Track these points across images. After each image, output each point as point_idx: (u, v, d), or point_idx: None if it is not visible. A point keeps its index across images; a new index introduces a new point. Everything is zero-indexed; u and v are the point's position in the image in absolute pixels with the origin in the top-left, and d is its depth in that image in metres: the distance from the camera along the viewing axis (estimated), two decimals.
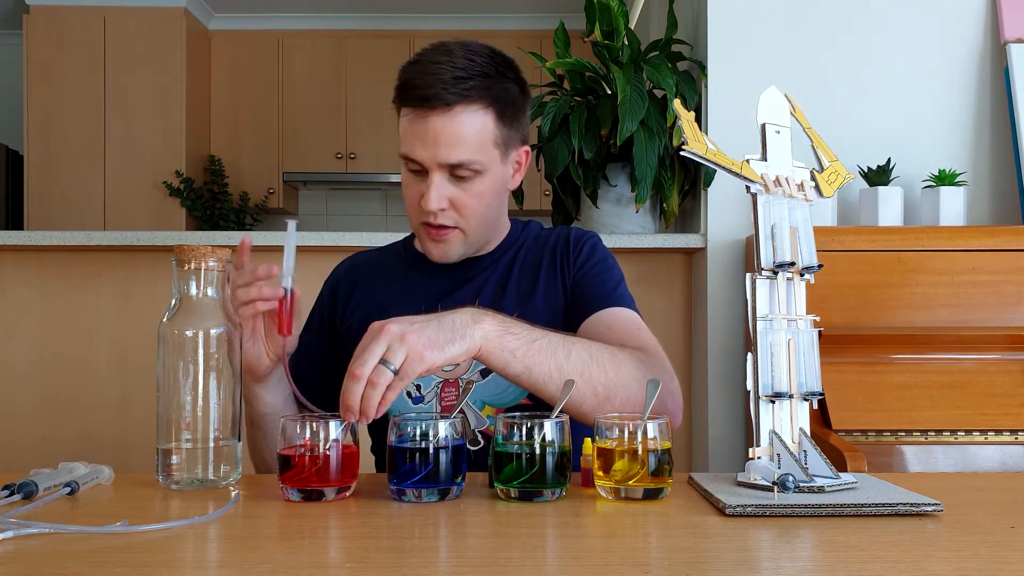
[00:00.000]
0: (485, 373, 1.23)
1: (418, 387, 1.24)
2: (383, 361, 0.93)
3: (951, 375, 1.87)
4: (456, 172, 1.19)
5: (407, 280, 1.34)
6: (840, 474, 0.92)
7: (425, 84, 1.16)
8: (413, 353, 0.94)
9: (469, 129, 1.18)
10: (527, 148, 1.30)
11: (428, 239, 1.25)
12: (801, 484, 0.89)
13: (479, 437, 1.22)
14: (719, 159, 0.96)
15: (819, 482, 0.90)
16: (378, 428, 1.31)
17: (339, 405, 0.94)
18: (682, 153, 0.98)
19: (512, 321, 1.05)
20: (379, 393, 0.92)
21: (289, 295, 1.08)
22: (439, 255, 1.26)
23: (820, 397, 0.94)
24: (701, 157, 0.96)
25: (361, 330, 1.02)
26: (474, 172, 1.20)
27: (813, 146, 1.02)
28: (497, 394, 1.23)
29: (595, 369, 1.05)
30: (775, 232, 0.96)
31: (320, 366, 1.32)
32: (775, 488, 0.88)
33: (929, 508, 0.84)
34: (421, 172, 1.21)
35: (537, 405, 1.20)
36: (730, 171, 0.96)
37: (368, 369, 0.93)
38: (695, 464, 2.35)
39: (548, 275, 1.30)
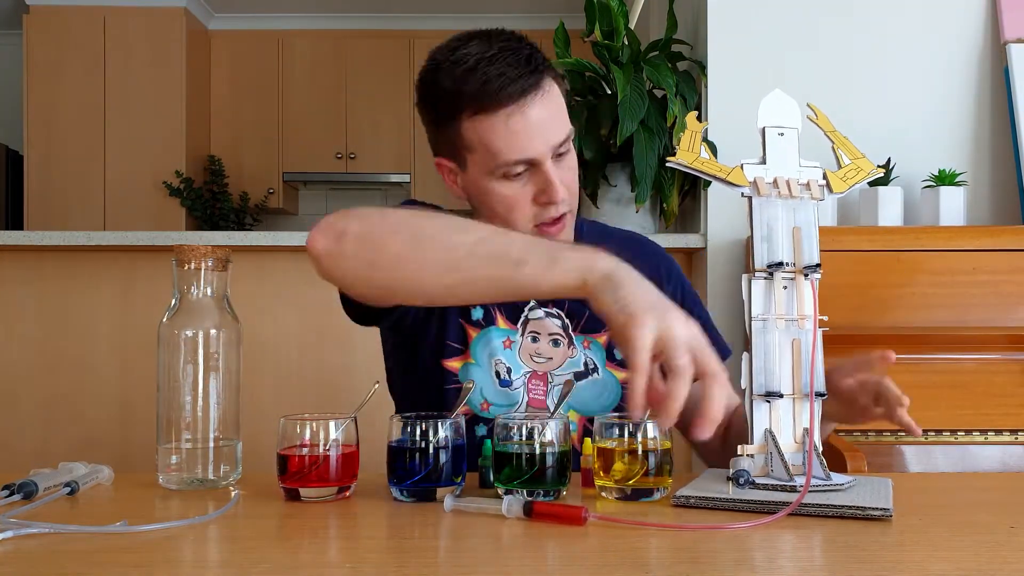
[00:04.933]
0: (579, 376, 1.18)
1: (508, 370, 1.17)
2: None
3: (951, 375, 1.87)
4: (559, 150, 1.12)
5: None
6: (833, 475, 0.92)
7: (510, 78, 1.08)
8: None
9: (558, 104, 1.13)
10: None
11: (546, 234, 1.15)
12: (758, 482, 0.90)
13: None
14: (705, 167, 0.97)
15: (799, 481, 0.89)
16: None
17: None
18: (668, 164, 0.98)
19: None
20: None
21: None
22: None
23: (822, 397, 0.94)
24: (686, 167, 0.97)
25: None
26: (568, 144, 1.14)
27: (834, 147, 1.02)
28: (588, 399, 1.18)
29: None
30: (769, 233, 0.97)
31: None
32: (730, 482, 0.89)
33: (877, 514, 0.82)
34: (527, 170, 1.12)
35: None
36: (717, 178, 0.97)
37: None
38: (695, 464, 2.35)
39: None
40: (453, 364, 1.18)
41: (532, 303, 1.20)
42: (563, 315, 1.21)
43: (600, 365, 1.20)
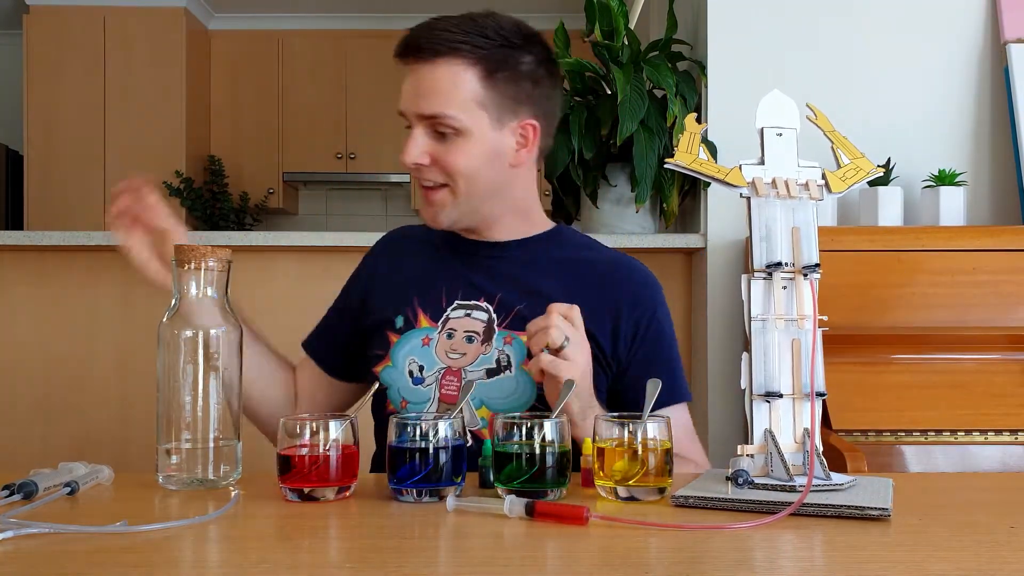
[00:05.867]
0: (491, 373, 1.21)
1: (421, 368, 1.22)
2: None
3: (951, 375, 1.87)
4: (436, 126, 1.18)
5: (433, 259, 1.31)
6: (833, 475, 0.92)
7: (413, 37, 1.19)
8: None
9: (446, 83, 1.17)
10: (535, 123, 1.23)
11: (422, 200, 1.24)
12: (757, 482, 0.90)
13: (469, 436, 1.20)
14: (703, 168, 0.97)
15: (799, 481, 0.89)
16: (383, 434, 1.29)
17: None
18: (666, 165, 0.99)
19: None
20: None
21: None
22: (429, 218, 1.24)
23: (822, 397, 0.94)
24: (685, 168, 0.97)
25: (377, 300, 1.26)
26: (454, 130, 1.17)
27: (833, 147, 1.03)
28: (499, 398, 1.21)
29: None
30: (768, 233, 0.97)
31: (336, 330, 1.34)
32: (728, 482, 0.89)
33: (875, 513, 0.82)
34: (410, 127, 1.21)
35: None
36: (715, 179, 0.97)
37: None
38: None
39: (595, 311, 1.18)
40: (377, 369, 1.25)
41: (454, 303, 1.24)
42: (492, 309, 1.23)
43: (516, 363, 1.21)
